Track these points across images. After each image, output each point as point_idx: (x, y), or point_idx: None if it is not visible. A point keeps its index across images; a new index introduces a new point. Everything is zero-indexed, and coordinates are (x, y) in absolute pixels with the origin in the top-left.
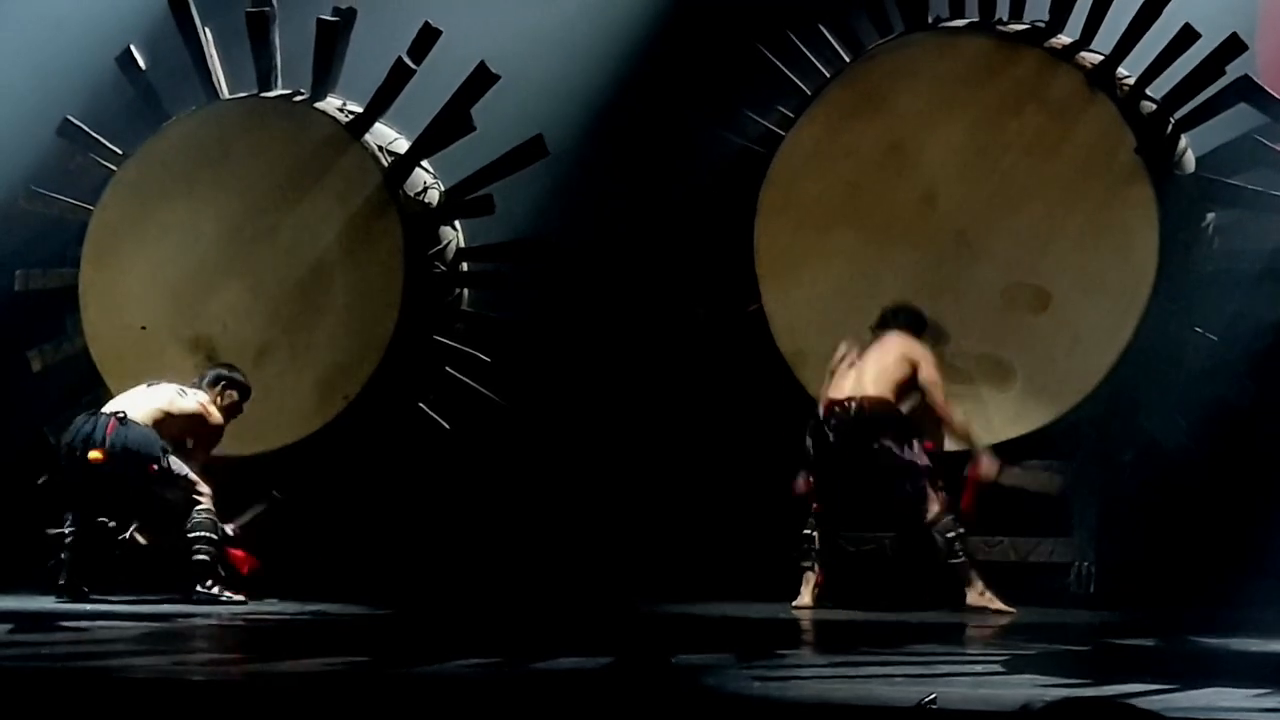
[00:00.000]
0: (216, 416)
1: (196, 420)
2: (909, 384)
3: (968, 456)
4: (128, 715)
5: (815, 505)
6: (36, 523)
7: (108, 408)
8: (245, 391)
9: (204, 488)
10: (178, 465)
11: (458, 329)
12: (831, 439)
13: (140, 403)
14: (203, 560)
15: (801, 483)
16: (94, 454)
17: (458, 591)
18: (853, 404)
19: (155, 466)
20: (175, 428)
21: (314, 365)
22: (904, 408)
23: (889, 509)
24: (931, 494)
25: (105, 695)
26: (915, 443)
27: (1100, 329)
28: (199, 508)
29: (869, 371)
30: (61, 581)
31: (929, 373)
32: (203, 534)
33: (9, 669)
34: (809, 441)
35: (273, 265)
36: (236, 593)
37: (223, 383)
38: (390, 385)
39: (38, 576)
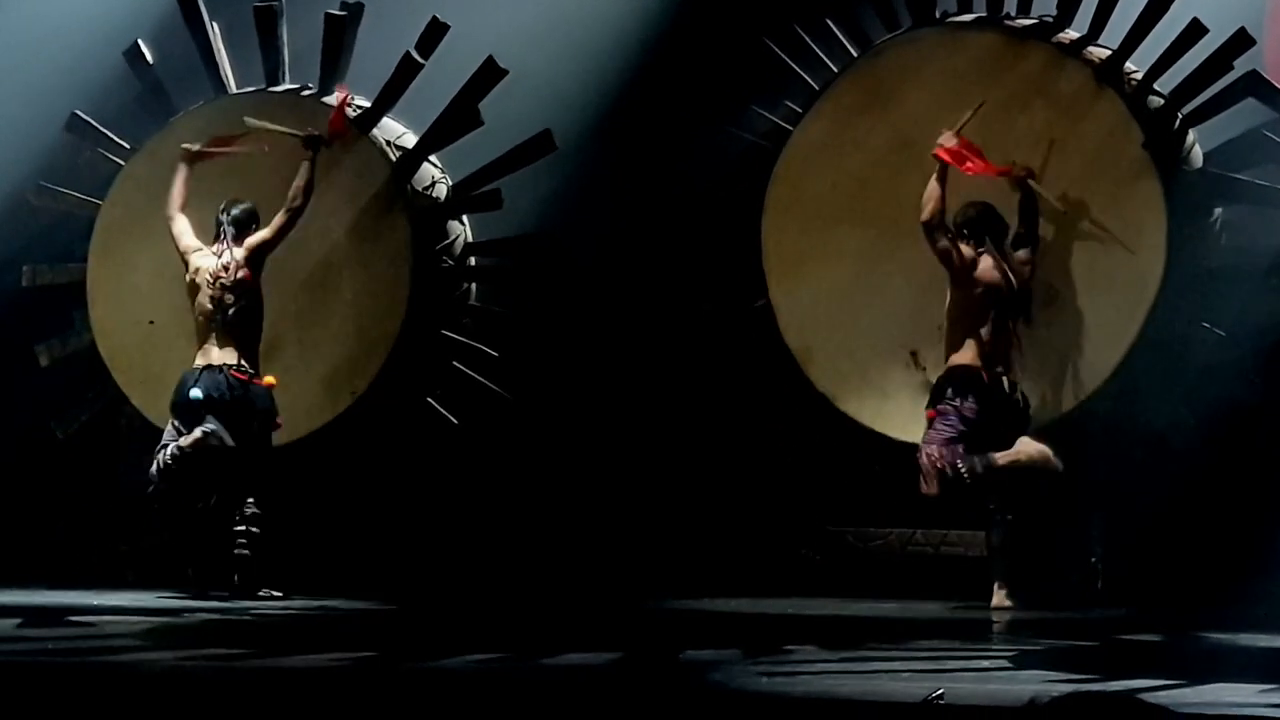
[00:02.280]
0: (255, 239)
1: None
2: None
3: None
4: (134, 710)
5: None
6: (46, 516)
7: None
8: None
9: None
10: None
11: (465, 324)
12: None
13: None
14: (244, 555)
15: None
16: (269, 379)
17: (465, 587)
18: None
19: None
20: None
21: (322, 360)
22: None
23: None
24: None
25: (112, 690)
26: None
27: (1108, 325)
28: (250, 501)
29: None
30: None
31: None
32: (249, 529)
33: (16, 664)
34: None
35: (281, 260)
36: (275, 588)
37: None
38: (398, 380)
39: (42, 570)
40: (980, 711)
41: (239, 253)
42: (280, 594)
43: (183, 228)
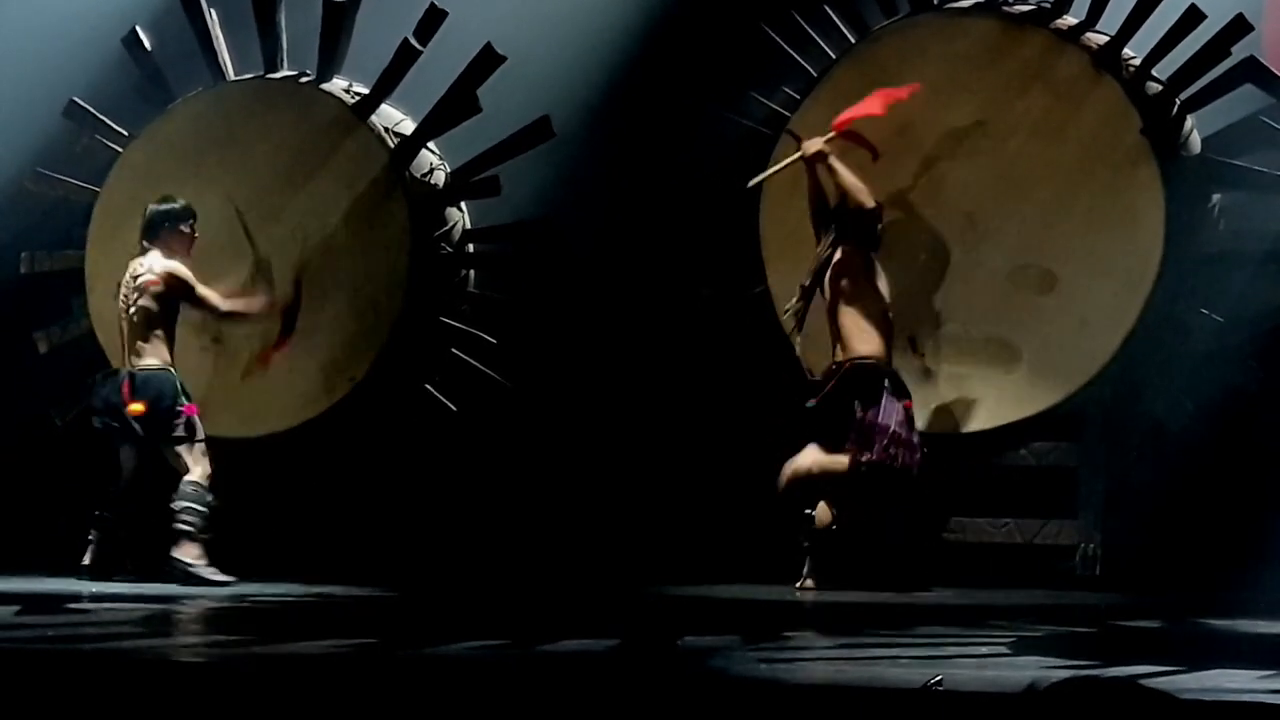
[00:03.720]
0: (181, 271)
1: (172, 290)
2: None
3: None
4: (133, 698)
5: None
6: (46, 503)
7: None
8: (189, 214)
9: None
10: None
11: (464, 310)
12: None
13: (136, 346)
14: (186, 530)
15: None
16: (135, 406)
17: (464, 573)
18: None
19: (185, 411)
20: (167, 319)
21: (320, 347)
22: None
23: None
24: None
25: (109, 678)
26: (889, 400)
27: (1106, 311)
28: (188, 478)
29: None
30: (89, 561)
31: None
32: (188, 504)
33: (15, 650)
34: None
35: (279, 247)
36: (226, 574)
37: (165, 224)
38: (396, 367)
39: (43, 557)
40: (979, 698)
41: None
42: (233, 579)
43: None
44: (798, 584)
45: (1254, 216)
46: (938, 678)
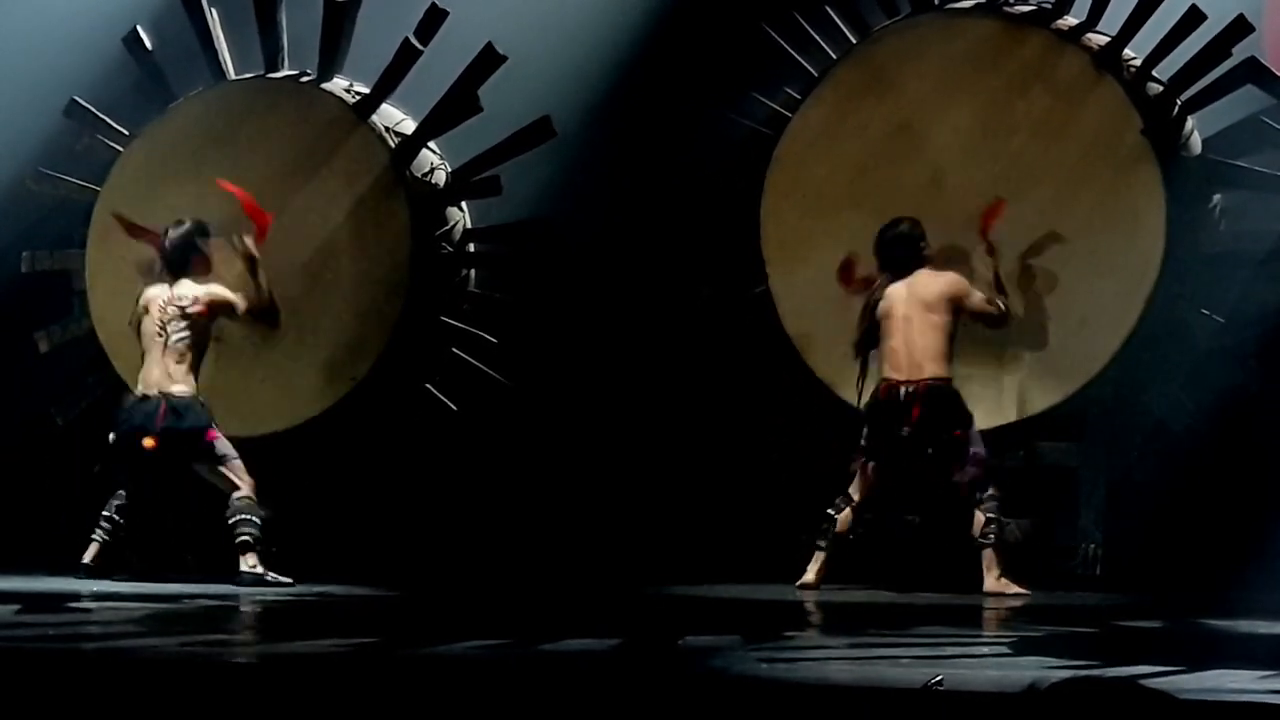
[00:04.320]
0: (221, 293)
1: (216, 312)
2: (955, 327)
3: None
4: (134, 696)
5: (861, 488)
6: (47, 502)
7: (150, 389)
8: (204, 230)
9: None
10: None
11: (464, 310)
12: (894, 427)
13: (171, 371)
14: (246, 541)
15: (856, 465)
16: (147, 441)
17: (465, 573)
18: (910, 388)
19: (209, 437)
20: (205, 344)
21: (321, 347)
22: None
23: (944, 492)
24: (988, 479)
25: (113, 676)
26: (972, 425)
27: (1107, 311)
28: (238, 495)
29: (918, 341)
30: (90, 560)
31: (976, 299)
32: (243, 517)
33: (16, 650)
34: (866, 424)
35: (279, 246)
36: (283, 574)
37: (191, 251)
38: (397, 366)
39: (44, 556)
40: (980, 698)
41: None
42: (290, 580)
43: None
44: (799, 582)
45: (1255, 217)
46: (938, 677)
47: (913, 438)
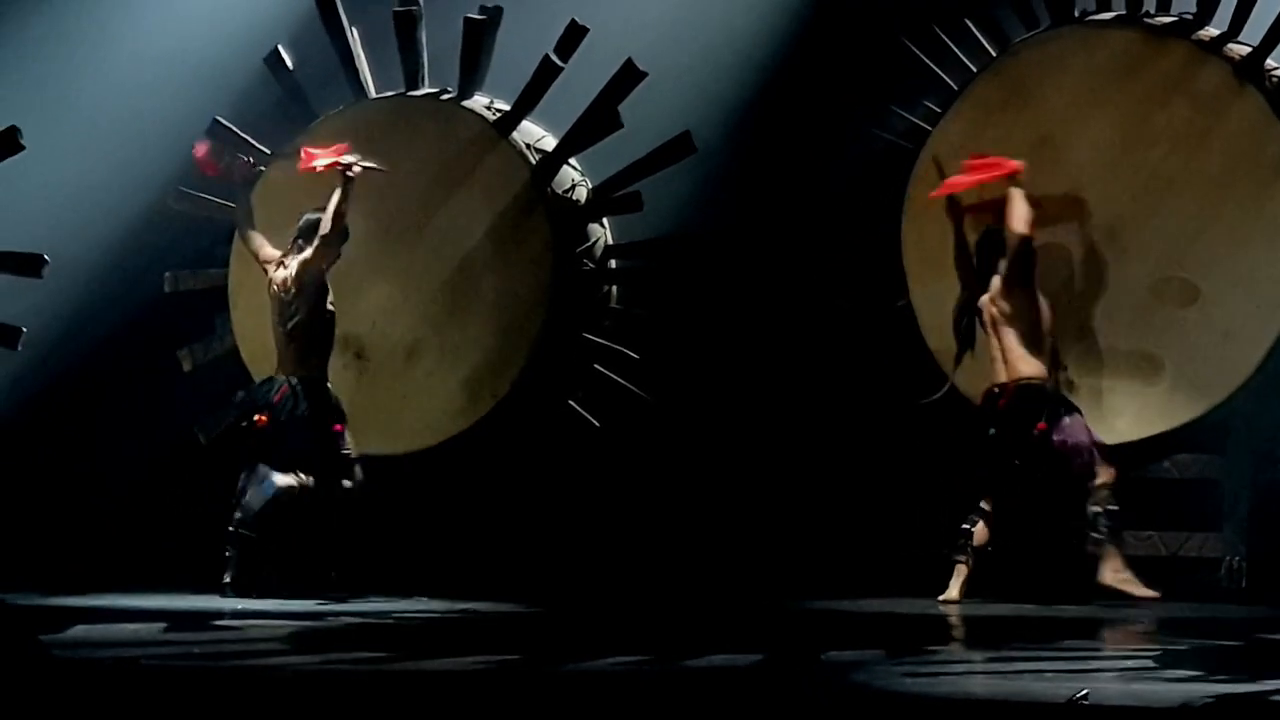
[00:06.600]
0: (308, 254)
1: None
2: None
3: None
4: (278, 714)
5: (985, 499)
6: (191, 521)
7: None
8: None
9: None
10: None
11: (606, 326)
12: (991, 430)
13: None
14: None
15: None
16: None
17: (607, 589)
18: (998, 389)
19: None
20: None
21: (463, 364)
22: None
23: (1058, 492)
24: (1099, 467)
25: (254, 695)
26: (1071, 417)
27: (1249, 323)
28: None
29: (1009, 342)
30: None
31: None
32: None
33: (162, 668)
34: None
35: (421, 264)
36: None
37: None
38: (539, 383)
39: (189, 574)
40: (1126, 712)
41: (293, 267)
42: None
43: (259, 242)
44: (941, 597)
45: None
46: (1084, 691)
47: (1000, 439)
